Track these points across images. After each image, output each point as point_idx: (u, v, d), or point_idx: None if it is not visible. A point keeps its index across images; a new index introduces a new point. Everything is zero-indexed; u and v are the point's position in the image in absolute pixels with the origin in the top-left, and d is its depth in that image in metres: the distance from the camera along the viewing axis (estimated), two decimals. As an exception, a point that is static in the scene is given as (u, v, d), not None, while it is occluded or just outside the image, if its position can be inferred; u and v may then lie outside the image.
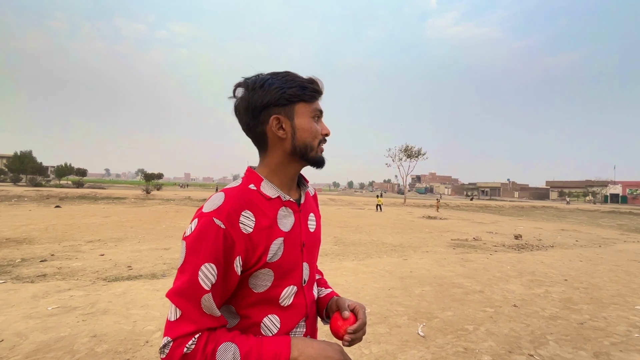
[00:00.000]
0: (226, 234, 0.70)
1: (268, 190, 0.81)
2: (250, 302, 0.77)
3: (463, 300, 4.12)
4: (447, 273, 5.52)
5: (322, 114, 0.84)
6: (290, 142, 0.80)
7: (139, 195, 28.60)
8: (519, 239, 11.00)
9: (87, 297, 3.85)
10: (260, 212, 0.77)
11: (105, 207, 19.15)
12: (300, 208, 0.88)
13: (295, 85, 0.79)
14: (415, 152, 38.36)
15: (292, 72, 0.81)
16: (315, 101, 0.82)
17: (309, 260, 0.89)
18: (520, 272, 5.75)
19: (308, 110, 0.80)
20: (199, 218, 0.72)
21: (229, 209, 0.73)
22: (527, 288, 4.76)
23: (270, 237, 0.77)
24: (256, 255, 0.74)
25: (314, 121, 0.81)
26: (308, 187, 0.96)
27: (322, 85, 0.84)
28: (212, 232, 0.69)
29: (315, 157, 0.82)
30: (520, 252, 8.22)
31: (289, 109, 0.79)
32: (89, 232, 9.75)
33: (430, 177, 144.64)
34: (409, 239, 10.39)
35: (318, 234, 0.95)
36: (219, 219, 0.71)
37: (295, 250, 0.82)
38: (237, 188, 0.79)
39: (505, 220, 19.28)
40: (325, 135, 0.84)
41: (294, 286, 0.82)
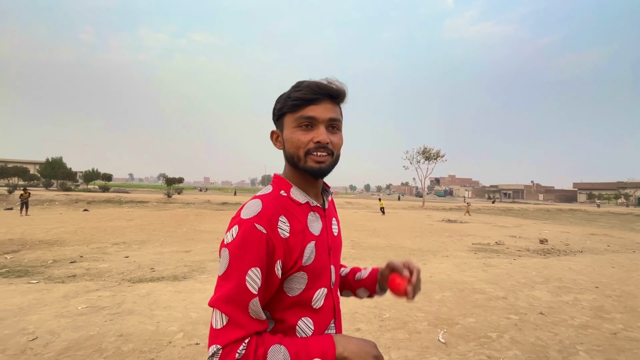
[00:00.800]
0: (268, 239, 0.72)
1: (298, 196, 0.83)
2: (285, 305, 0.79)
3: (485, 307, 4.00)
4: (468, 278, 5.37)
5: (318, 119, 0.78)
6: (284, 153, 0.84)
7: (160, 199, 29.51)
8: (545, 243, 10.57)
9: (113, 297, 4.00)
10: (293, 217, 0.80)
11: (129, 211, 19.88)
12: (325, 213, 0.91)
13: (284, 97, 0.81)
14: (434, 154, 37.67)
15: (299, 81, 0.82)
16: (300, 109, 0.78)
17: (335, 263, 0.91)
18: (546, 278, 5.52)
19: (291, 121, 0.80)
20: (239, 225, 0.73)
21: (268, 215, 0.75)
22: (554, 295, 4.56)
23: (304, 241, 0.79)
24: (293, 259, 0.76)
25: (301, 130, 0.79)
26: (330, 193, 0.99)
27: (333, 87, 0.80)
28: (255, 238, 0.71)
29: (304, 167, 0.80)
30: (546, 258, 7.90)
31: (281, 122, 0.83)
32: (115, 235, 10.14)
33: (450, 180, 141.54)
34: (428, 243, 10.20)
35: (340, 237, 0.98)
36: (260, 224, 0.73)
37: (324, 254, 0.85)
38: (271, 195, 0.81)
39: (529, 223, 18.58)
40: (317, 142, 0.78)
41: (325, 288, 0.85)
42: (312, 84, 0.79)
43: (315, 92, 0.78)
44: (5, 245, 8.12)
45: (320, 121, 0.79)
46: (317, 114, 0.78)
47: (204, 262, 6.57)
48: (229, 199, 35.15)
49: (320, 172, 0.80)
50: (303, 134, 0.79)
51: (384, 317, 3.56)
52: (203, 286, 4.65)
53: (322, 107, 0.79)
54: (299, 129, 0.79)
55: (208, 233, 11.15)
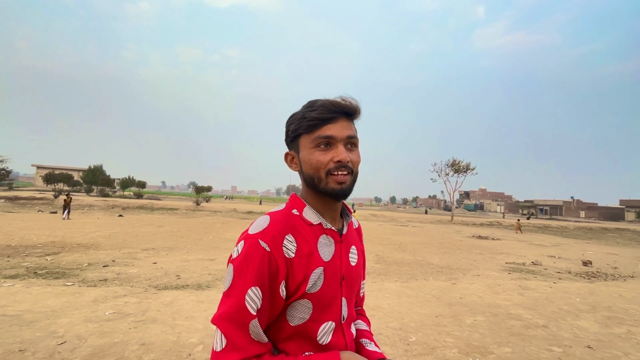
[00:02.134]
0: (271, 257, 0.69)
1: (310, 216, 0.79)
2: (285, 335, 0.74)
3: (523, 335, 3.66)
4: (502, 302, 4.99)
5: (337, 138, 0.75)
6: (302, 175, 0.81)
7: (189, 206, 30.55)
8: (589, 265, 9.72)
9: (139, 304, 4.08)
10: (301, 237, 0.75)
11: (159, 217, 20.71)
12: (342, 238, 0.83)
13: (298, 118, 0.78)
14: (464, 166, 36.35)
15: (312, 100, 0.80)
16: (316, 129, 0.75)
17: (348, 296, 0.82)
18: (593, 306, 5.01)
19: (308, 141, 0.77)
20: (245, 240, 0.71)
21: (274, 232, 0.72)
22: (603, 326, 4.11)
23: (310, 265, 0.73)
24: (295, 283, 0.72)
25: (319, 150, 0.75)
26: (352, 218, 0.91)
27: (348, 105, 0.77)
28: (257, 255, 0.69)
29: (325, 189, 0.75)
30: (592, 282, 7.22)
31: (296, 143, 0.80)
32: (145, 241, 10.54)
33: (481, 193, 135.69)
34: (457, 260, 9.71)
35: (360, 269, 0.88)
36: (264, 241, 0.70)
37: (334, 283, 0.77)
38: (282, 212, 0.78)
39: (569, 243, 17.27)
40: (338, 161, 0.74)
41: (333, 322, 0.77)
42: (326, 102, 0.76)
43: (331, 110, 0.75)
44: (47, 247, 8.66)
45: (339, 140, 0.76)
46: (335, 132, 0.75)
47: (228, 272, 6.61)
48: (254, 207, 35.76)
49: (342, 192, 0.76)
50: (322, 154, 0.75)
51: (409, 341, 3.35)
52: (225, 297, 4.65)
53: (339, 125, 0.76)
54: (317, 149, 0.76)
55: (233, 241, 11.30)
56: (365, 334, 0.93)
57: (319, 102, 0.77)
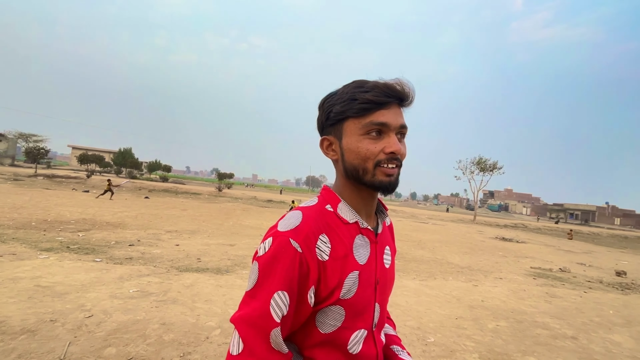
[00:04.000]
0: (302, 259, 0.62)
1: (346, 214, 0.71)
2: (315, 342, 0.68)
3: (550, 346, 3.48)
4: (527, 308, 4.77)
5: (390, 126, 0.67)
6: (341, 164, 0.72)
7: (212, 192, 31.38)
8: (623, 276, 9.13)
9: (161, 284, 4.21)
10: (337, 237, 0.68)
11: (183, 201, 21.39)
12: (377, 239, 0.76)
13: (345, 99, 0.68)
14: (490, 165, 35.01)
15: (361, 80, 0.70)
16: (368, 114, 0.67)
17: (381, 301, 0.76)
18: (628, 320, 4.69)
19: (356, 127, 0.68)
20: (274, 237, 0.64)
21: (307, 231, 0.65)
22: (639, 342, 3.84)
23: (346, 268, 0.67)
24: (329, 288, 0.65)
25: (369, 138, 0.67)
26: (387, 216, 0.84)
27: (403, 90, 0.68)
28: (288, 255, 0.62)
29: (372, 182, 0.68)
30: (626, 294, 6.78)
31: (338, 127, 0.71)
32: (169, 223, 10.90)
33: (506, 194, 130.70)
34: (478, 261, 9.40)
35: (393, 271, 0.81)
36: (296, 240, 0.63)
37: (369, 288, 0.71)
38: (315, 207, 0.71)
39: (601, 251, 16.33)
40: (390, 153, 0.67)
41: (365, 330, 0.71)
42: (381, 85, 0.67)
43: (387, 94, 0.67)
44: (79, 224, 9.14)
45: (392, 128, 0.68)
46: (389, 120, 0.67)
47: (246, 258, 6.72)
48: (274, 196, 36.20)
49: (391, 185, 0.69)
50: (372, 143, 0.67)
51: (428, 342, 3.26)
52: (243, 282, 4.72)
53: (392, 112, 0.68)
54: (367, 137, 0.68)
55: (252, 229, 11.49)
56: (395, 339, 0.87)
57: (371, 83, 0.68)
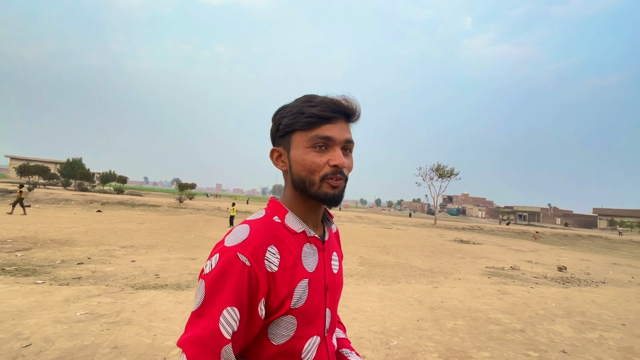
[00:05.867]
0: (251, 272, 0.62)
1: (293, 224, 0.73)
2: (269, 355, 0.67)
3: (501, 340, 3.72)
4: (482, 306, 5.07)
5: (335, 140, 0.69)
6: (289, 175, 0.73)
7: (172, 203, 29.87)
8: (564, 271, 10.05)
9: (113, 304, 3.92)
10: (285, 248, 0.69)
11: (140, 214, 20.13)
12: (324, 246, 0.78)
13: (294, 112, 0.70)
14: (448, 171, 37.06)
15: (310, 95, 0.72)
16: (314, 128, 0.69)
17: (332, 306, 0.78)
18: (567, 311, 5.16)
19: (303, 140, 0.69)
20: (221, 253, 0.63)
21: (255, 244, 0.64)
22: (577, 331, 4.23)
23: (295, 278, 0.67)
24: (279, 299, 0.65)
25: (315, 151, 0.69)
26: (332, 223, 0.86)
27: (349, 106, 0.71)
28: (236, 270, 0.61)
29: (317, 194, 0.69)
30: (566, 287, 7.46)
31: (287, 139, 0.72)
32: (124, 238, 10.19)
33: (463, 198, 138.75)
34: (439, 263, 9.84)
35: (341, 276, 0.84)
36: (244, 254, 0.62)
37: (319, 295, 0.72)
38: (262, 220, 0.71)
39: (546, 248, 17.84)
40: (334, 166, 0.68)
41: (317, 337, 0.72)
42: (328, 100, 0.70)
43: (333, 109, 0.69)
44: (18, 242, 8.24)
45: (337, 142, 0.70)
46: (334, 134, 0.69)
47: (209, 272, 6.46)
48: (240, 207, 35.28)
49: (335, 198, 0.70)
50: (318, 156, 0.69)
51: (391, 345, 3.34)
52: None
53: (338, 126, 0.70)
54: (313, 150, 0.69)
55: (216, 240, 11.09)
56: (345, 342, 0.90)
57: (319, 99, 0.70)
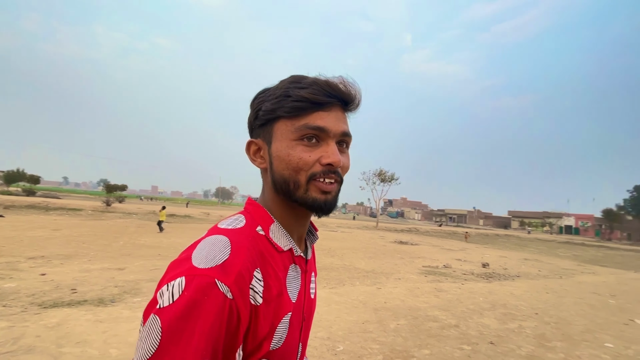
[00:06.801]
0: (232, 308, 0.44)
1: (279, 239, 0.56)
2: None
3: (439, 336, 3.93)
4: (421, 304, 5.35)
5: (329, 132, 0.53)
6: (270, 174, 0.57)
7: (98, 207, 26.68)
8: (487, 267, 11.18)
9: (10, 329, 3.24)
10: (271, 271, 0.52)
11: (56, 219, 17.55)
12: (307, 267, 0.63)
13: (277, 95, 0.54)
14: (389, 176, 39.18)
15: (299, 75, 0.56)
16: (303, 115, 0.52)
17: (304, 340, 0.63)
18: (492, 304, 5.70)
19: (288, 130, 0.53)
20: (188, 277, 0.43)
21: (239, 267, 0.46)
22: (501, 322, 4.67)
23: (279, 312, 0.51)
24: (257, 340, 0.48)
25: (303, 145, 0.53)
26: (317, 238, 0.68)
27: (347, 91, 0.55)
28: (213, 306, 0.42)
29: (304, 199, 0.53)
30: (490, 282, 8.29)
31: (268, 129, 0.56)
32: (33, 247, 8.71)
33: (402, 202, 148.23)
34: (381, 264, 10.23)
35: (315, 299, 0.69)
36: (225, 283, 0.43)
37: (296, 330, 0.57)
38: (245, 231, 0.52)
39: (472, 247, 19.78)
40: (328, 165, 0.53)
41: None
42: (321, 82, 0.54)
43: (327, 94, 0.53)
44: None
45: (332, 135, 0.54)
46: (328, 124, 0.53)
47: (139, 283, 5.80)
48: (178, 210, 32.91)
49: (327, 205, 0.54)
50: (306, 151, 0.53)
51: (337, 351, 3.30)
52: (132, 313, 4.01)
53: (333, 115, 0.54)
54: (300, 143, 0.53)
55: (149, 248, 10.10)
56: None
57: (310, 79, 0.54)
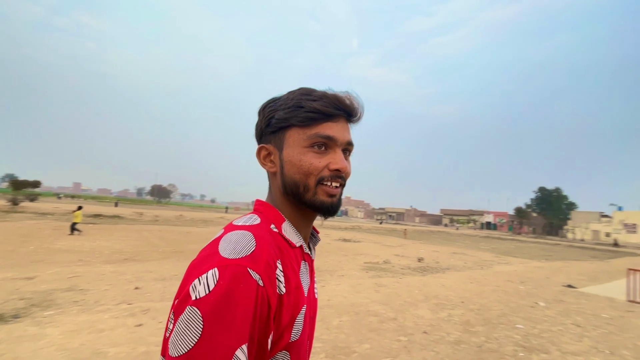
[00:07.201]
0: (264, 296, 0.49)
1: (292, 236, 0.62)
2: None
3: (379, 330, 4.11)
4: (363, 300, 5.55)
5: (337, 141, 0.62)
6: (280, 178, 0.63)
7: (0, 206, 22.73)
8: (422, 261, 12.09)
9: None
10: (289, 265, 0.57)
11: (-59, 221, 14.51)
12: (313, 266, 0.69)
13: (290, 105, 0.61)
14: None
15: (308, 88, 0.64)
16: (314, 125, 0.60)
17: (310, 338, 0.67)
18: (426, 296, 6.16)
19: (300, 138, 0.61)
20: (221, 268, 0.47)
21: (267, 257, 0.51)
22: (433, 312, 5.07)
23: (298, 303, 0.56)
24: (280, 329, 0.52)
25: (313, 151, 0.61)
26: (319, 240, 0.74)
27: (352, 105, 0.63)
28: (249, 292, 0.47)
29: (312, 201, 0.60)
30: (424, 275, 8.96)
31: (280, 136, 0.63)
32: None
33: (346, 201, 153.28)
34: (325, 262, 10.41)
35: (317, 301, 0.74)
36: (256, 271, 0.49)
37: (307, 324, 0.60)
38: (262, 227, 0.57)
39: (409, 243, 21.23)
40: (336, 171, 0.61)
41: None
42: (330, 95, 0.62)
43: (336, 107, 0.61)
44: None
45: (339, 144, 0.62)
46: (336, 134, 0.62)
47: (53, 293, 5.06)
48: (106, 210, 29.59)
49: (333, 207, 0.62)
50: (317, 157, 0.61)
51: (280, 352, 3.24)
52: (40, 330, 3.46)
53: (340, 126, 0.63)
54: (311, 150, 0.61)
55: (67, 253, 8.89)
56: None
57: (319, 93, 0.62)
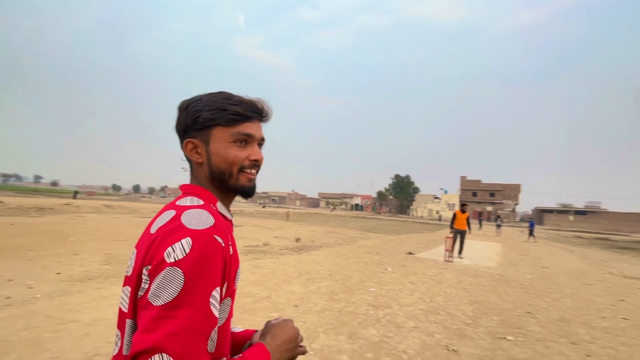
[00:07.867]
0: (224, 254, 0.67)
1: (225, 212, 0.80)
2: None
3: (252, 310, 4.19)
4: (239, 283, 5.52)
5: (254, 137, 0.79)
6: (207, 167, 0.78)
7: None
8: (299, 241, 12.87)
9: None
10: (229, 234, 0.75)
11: None
12: None
13: (214, 107, 0.75)
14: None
15: (227, 92, 0.79)
16: (237, 125, 0.76)
17: None
18: (300, 272, 6.61)
19: (225, 135, 0.76)
20: (194, 236, 0.64)
21: (223, 228, 0.70)
22: (304, 287, 5.49)
23: (236, 262, 0.74)
24: (230, 280, 0.72)
25: (236, 146, 0.77)
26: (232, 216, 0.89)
27: (264, 109, 0.80)
28: (217, 252, 0.65)
29: (235, 186, 0.78)
30: (300, 254, 9.59)
31: (205, 133, 0.77)
32: None
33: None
34: (202, 249, 9.86)
35: None
36: (219, 236, 0.67)
37: None
38: (208, 206, 0.74)
39: (289, 225, 22.23)
40: (254, 161, 0.79)
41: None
42: (247, 101, 0.78)
43: (253, 110, 0.78)
44: None
45: (255, 139, 0.80)
46: (253, 132, 0.79)
47: None
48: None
49: (251, 189, 0.80)
50: (239, 150, 0.77)
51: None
52: None
53: (255, 125, 0.80)
54: (234, 145, 0.77)
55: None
56: None
57: (238, 98, 0.77)
